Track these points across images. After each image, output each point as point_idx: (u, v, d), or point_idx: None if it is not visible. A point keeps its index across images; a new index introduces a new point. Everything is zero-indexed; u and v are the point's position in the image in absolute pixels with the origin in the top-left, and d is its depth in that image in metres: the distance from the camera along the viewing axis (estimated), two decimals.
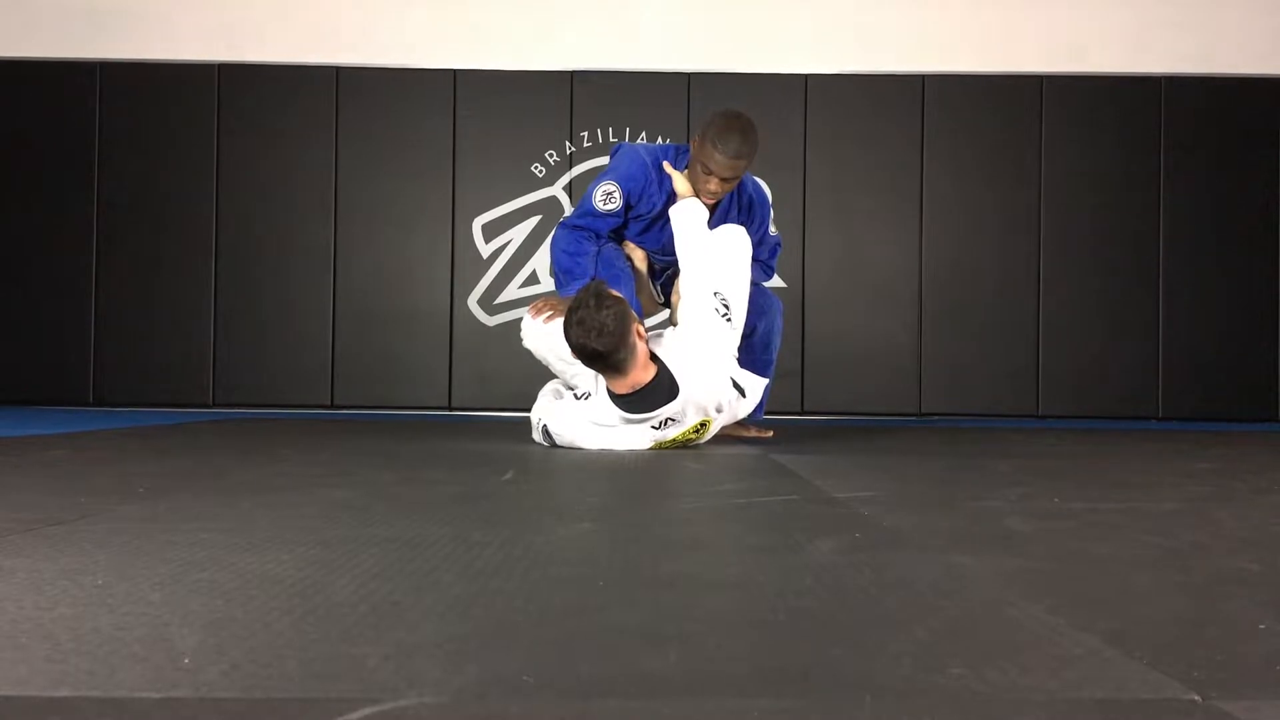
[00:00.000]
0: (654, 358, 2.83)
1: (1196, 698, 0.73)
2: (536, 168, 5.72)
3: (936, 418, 5.67)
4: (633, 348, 2.73)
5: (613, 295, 2.77)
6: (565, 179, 5.72)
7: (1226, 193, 5.74)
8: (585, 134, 5.72)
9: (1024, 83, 5.76)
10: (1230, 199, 5.75)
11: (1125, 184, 5.76)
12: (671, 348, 2.89)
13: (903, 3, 5.83)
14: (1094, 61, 5.79)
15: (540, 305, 3.19)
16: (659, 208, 3.27)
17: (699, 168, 3.12)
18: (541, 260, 5.65)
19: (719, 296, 2.95)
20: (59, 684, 0.73)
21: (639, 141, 5.69)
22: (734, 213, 3.29)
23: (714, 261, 3.04)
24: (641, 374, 2.78)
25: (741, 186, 3.31)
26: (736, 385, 3.00)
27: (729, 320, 2.95)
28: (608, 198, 3.24)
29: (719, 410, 2.95)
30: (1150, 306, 5.74)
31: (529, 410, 3.21)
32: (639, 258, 3.40)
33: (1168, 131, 5.74)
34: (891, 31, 5.81)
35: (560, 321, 3.02)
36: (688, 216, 3.14)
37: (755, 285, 3.26)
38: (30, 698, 0.71)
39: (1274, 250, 5.74)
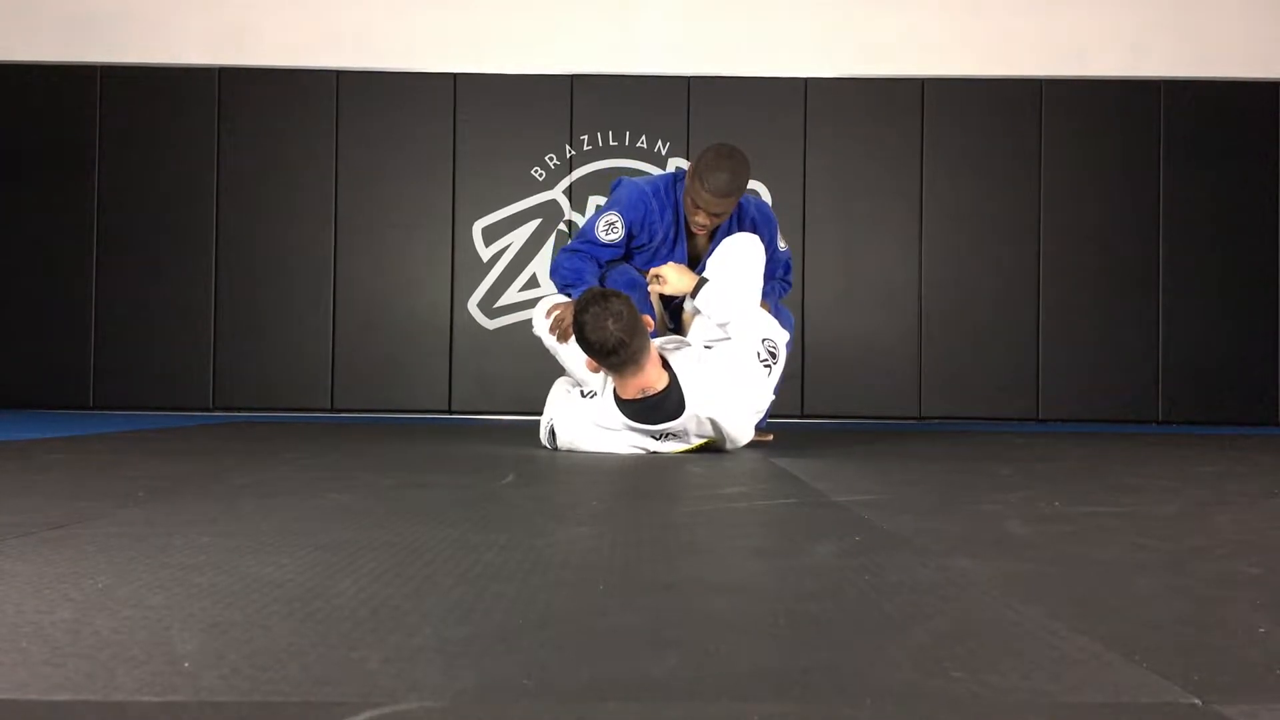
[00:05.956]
0: (666, 366, 2.80)
1: (1196, 701, 0.73)
2: (537, 171, 5.73)
3: (936, 421, 5.67)
4: (646, 337, 2.71)
5: (615, 290, 2.76)
6: (565, 182, 5.72)
7: (1226, 197, 5.75)
8: (585, 137, 5.72)
9: (1024, 86, 5.77)
10: (1230, 203, 5.75)
11: (1125, 188, 5.76)
12: (690, 365, 2.83)
13: (902, 7, 5.84)
14: (1093, 65, 5.80)
15: (558, 315, 3.11)
16: (660, 235, 3.29)
17: (689, 201, 3.17)
18: (541, 263, 5.66)
19: (767, 344, 2.88)
20: (59, 687, 0.73)
21: (638, 146, 5.70)
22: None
23: (756, 311, 2.98)
24: (653, 379, 2.76)
25: (744, 211, 3.32)
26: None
27: (769, 367, 2.87)
28: (610, 228, 3.25)
29: (724, 438, 2.93)
30: (1150, 310, 5.75)
31: (529, 413, 3.20)
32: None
33: (1167, 135, 5.75)
34: (891, 35, 5.82)
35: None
36: (715, 299, 3.02)
37: (773, 301, 3.31)
38: (30, 701, 0.71)
39: (1274, 253, 5.75)
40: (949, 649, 0.86)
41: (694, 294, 3.07)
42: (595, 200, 5.65)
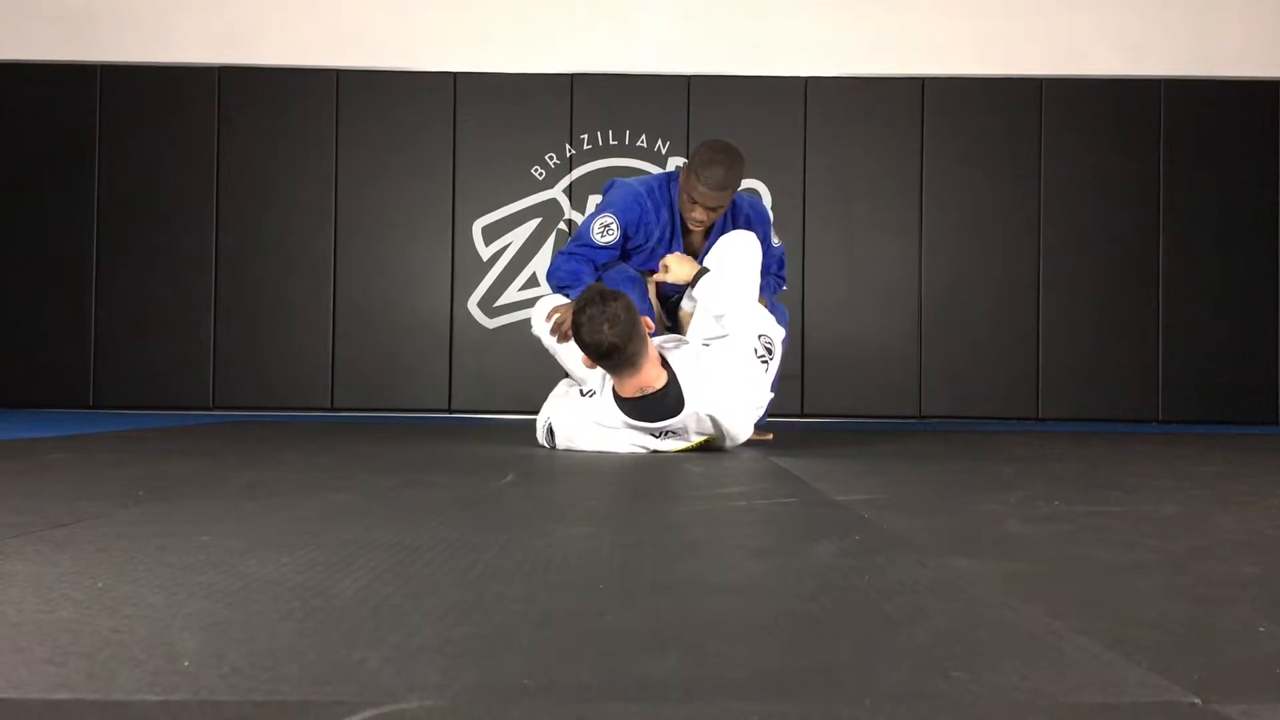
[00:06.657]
0: (665, 364, 2.80)
1: (1196, 701, 0.73)
2: (537, 170, 5.73)
3: (936, 421, 5.67)
4: (644, 339, 2.71)
5: (615, 291, 2.75)
6: (565, 182, 5.72)
7: (1226, 195, 5.75)
8: (585, 137, 5.72)
9: (1024, 85, 5.77)
10: (1230, 202, 5.75)
11: (1125, 187, 5.76)
12: (688, 363, 2.83)
13: (902, 6, 5.84)
14: (1093, 65, 5.80)
15: (558, 318, 3.12)
16: (655, 235, 3.29)
17: (685, 197, 3.19)
18: (541, 263, 5.66)
19: (763, 340, 2.90)
20: (59, 687, 0.73)
21: (638, 145, 5.70)
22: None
23: (753, 306, 3.01)
24: (652, 377, 2.76)
25: (737, 208, 3.33)
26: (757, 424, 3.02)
27: (765, 363, 2.89)
28: (605, 230, 3.25)
29: (724, 435, 2.93)
30: (1150, 309, 5.75)
31: (529, 412, 3.19)
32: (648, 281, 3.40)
33: (1167, 134, 5.75)
34: (891, 34, 5.82)
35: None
36: (713, 290, 3.05)
37: (768, 296, 3.31)
38: (30, 700, 0.71)
39: (1274, 252, 5.75)
40: (949, 649, 0.86)
41: (693, 284, 3.08)
42: (595, 199, 5.65)
